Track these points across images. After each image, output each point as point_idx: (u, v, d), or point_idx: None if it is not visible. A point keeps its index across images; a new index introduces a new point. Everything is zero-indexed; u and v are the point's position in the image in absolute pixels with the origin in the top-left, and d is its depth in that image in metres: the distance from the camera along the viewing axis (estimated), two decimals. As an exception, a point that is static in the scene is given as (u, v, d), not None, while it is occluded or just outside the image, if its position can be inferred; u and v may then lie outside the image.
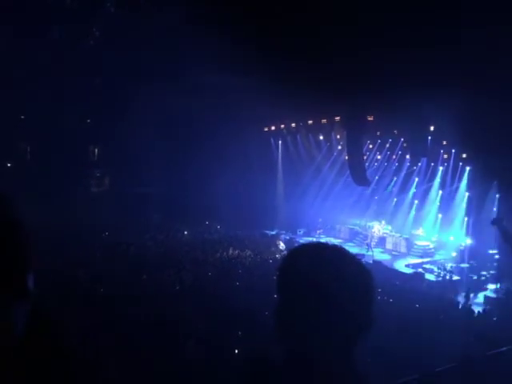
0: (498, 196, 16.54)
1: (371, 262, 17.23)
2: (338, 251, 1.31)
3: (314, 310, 1.19)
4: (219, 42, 13.00)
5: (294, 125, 23.25)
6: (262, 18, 10.97)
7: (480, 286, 15.07)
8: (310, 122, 22.05)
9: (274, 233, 22.53)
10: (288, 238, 21.47)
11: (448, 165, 19.54)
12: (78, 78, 16.28)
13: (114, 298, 8.66)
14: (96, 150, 23.47)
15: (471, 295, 13.31)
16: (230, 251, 16.85)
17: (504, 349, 6.05)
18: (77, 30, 13.04)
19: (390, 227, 21.19)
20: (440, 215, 19.89)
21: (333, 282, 1.20)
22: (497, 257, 15.52)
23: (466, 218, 18.41)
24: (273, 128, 24.51)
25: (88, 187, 22.94)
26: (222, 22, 11.55)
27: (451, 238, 18.96)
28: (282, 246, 19.01)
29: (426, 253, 19.17)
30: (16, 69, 14.97)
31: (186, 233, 20.42)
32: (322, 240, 22.03)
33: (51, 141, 19.21)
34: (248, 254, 16.73)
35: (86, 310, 7.53)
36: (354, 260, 1.30)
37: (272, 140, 25.24)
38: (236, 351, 6.96)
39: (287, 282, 1.27)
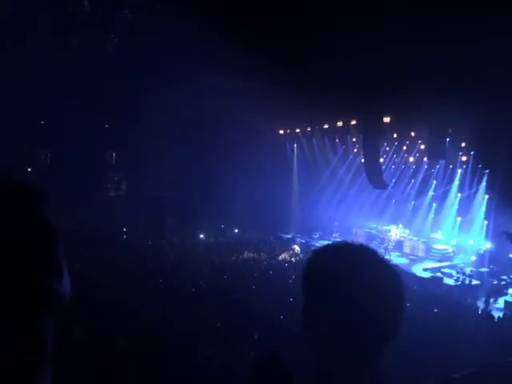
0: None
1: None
2: (368, 252, 1.23)
3: (342, 312, 1.14)
4: (236, 46, 13.08)
5: (309, 128, 23.19)
6: (277, 23, 11.00)
7: (500, 291, 14.76)
8: (326, 125, 21.97)
9: (289, 236, 22.46)
10: (304, 241, 21.38)
11: (467, 167, 19.24)
12: (97, 84, 16.55)
13: (130, 300, 8.74)
14: (114, 155, 23.79)
15: (491, 300, 13.04)
16: (246, 254, 16.86)
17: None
18: (95, 36, 13.28)
19: (407, 231, 20.93)
20: (459, 218, 19.57)
21: (364, 283, 1.14)
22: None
23: (485, 222, 18.08)
24: (288, 131, 24.51)
25: (106, 191, 23.24)
26: (239, 27, 11.62)
27: (470, 242, 18.63)
28: (297, 249, 18.93)
29: (444, 257, 18.87)
30: (35, 75, 15.31)
31: (201, 236, 20.52)
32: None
33: (70, 146, 19.56)
34: (263, 257, 16.71)
35: (102, 312, 7.61)
36: (385, 262, 1.23)
37: (287, 143, 25.24)
38: (252, 354, 6.95)
39: (315, 283, 1.21)
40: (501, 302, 13.78)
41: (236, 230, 22.28)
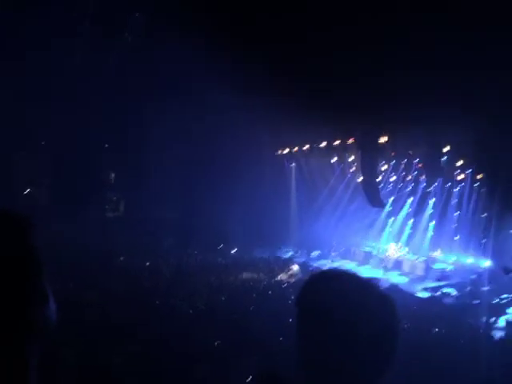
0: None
1: (388, 285, 16.91)
2: (359, 281, 1.28)
3: (335, 341, 1.16)
4: (234, 66, 13.28)
5: (307, 146, 23.32)
6: (272, 42, 11.21)
7: (501, 310, 14.63)
8: (324, 144, 22.12)
9: (288, 256, 22.35)
10: (302, 260, 21.26)
11: (464, 185, 19.32)
12: (96, 104, 16.73)
13: (126, 322, 8.65)
14: (113, 175, 23.86)
15: (492, 319, 12.93)
16: (244, 275, 16.75)
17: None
18: (95, 55, 13.47)
19: (406, 249, 20.86)
20: (457, 237, 19.55)
21: (355, 313, 1.18)
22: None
23: (484, 240, 18.06)
24: (286, 151, 24.64)
25: (104, 211, 23.21)
26: (236, 47, 11.83)
27: (469, 261, 18.57)
28: (296, 269, 18.81)
29: (444, 276, 18.76)
30: (35, 95, 15.47)
31: (199, 257, 20.40)
32: (337, 263, 21.83)
33: (69, 166, 19.64)
34: (262, 277, 16.60)
35: (97, 333, 7.53)
36: (377, 290, 1.27)
37: (285, 162, 25.34)
38: (251, 377, 6.83)
39: (307, 312, 1.25)
40: (502, 322, 13.65)
41: (235, 250, 22.18)
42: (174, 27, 11.21)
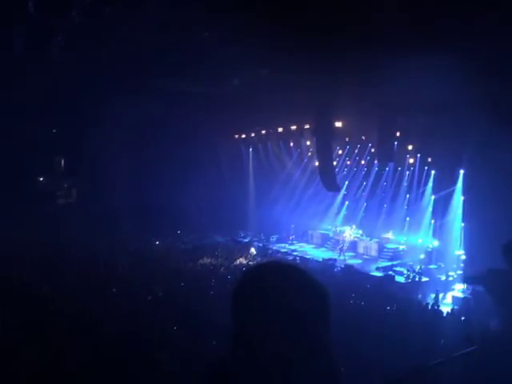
0: (462, 198, 17.10)
1: (343, 266, 17.47)
2: (291, 269, 1.41)
3: (272, 321, 1.31)
4: (188, 50, 12.98)
5: (264, 132, 23.38)
6: (231, 28, 11.01)
7: (448, 287, 15.51)
8: (280, 129, 22.24)
9: (247, 240, 22.51)
10: (261, 245, 21.49)
11: (414, 169, 20.09)
12: (44, 89, 15.92)
13: (83, 313, 8.44)
14: (62, 161, 22.95)
15: (440, 296, 13.67)
16: (203, 260, 16.73)
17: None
18: (41, 39, 12.74)
19: (360, 231, 21.54)
20: (408, 218, 20.39)
21: (288, 296, 1.32)
22: (463, 257, 16.01)
23: (432, 221, 18.94)
24: (243, 136, 24.60)
25: (55, 199, 22.34)
26: (190, 30, 11.55)
27: (419, 241, 19.44)
28: (255, 253, 19.01)
29: (395, 255, 19.56)
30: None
31: (157, 243, 20.14)
32: (295, 246, 22.23)
33: (16, 153, 18.67)
34: (221, 262, 16.65)
35: (54, 326, 7.30)
36: (306, 276, 1.38)
37: (243, 147, 25.32)
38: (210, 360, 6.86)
39: (245, 299, 1.41)
40: (449, 298, 14.48)
41: (193, 236, 22.06)
42: (124, 14, 10.72)
